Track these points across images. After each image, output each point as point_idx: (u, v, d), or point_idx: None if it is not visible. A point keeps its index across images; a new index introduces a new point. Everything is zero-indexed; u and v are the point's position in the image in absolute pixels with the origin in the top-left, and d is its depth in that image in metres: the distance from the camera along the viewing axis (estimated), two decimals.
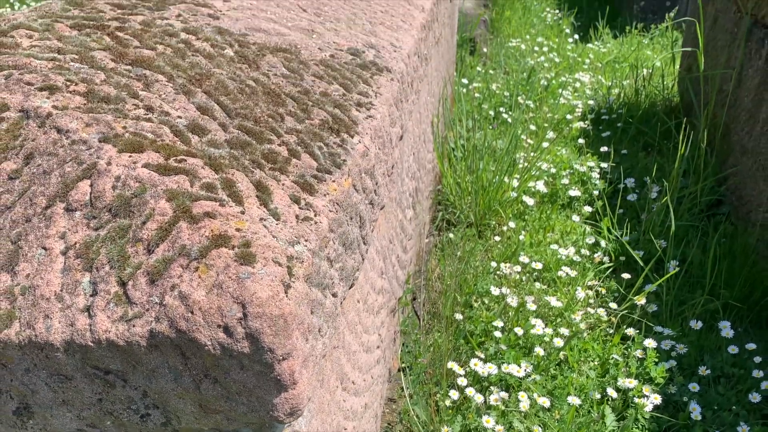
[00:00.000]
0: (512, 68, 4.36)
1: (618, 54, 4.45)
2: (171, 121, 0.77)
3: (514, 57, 4.48)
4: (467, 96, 3.71)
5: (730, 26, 2.64)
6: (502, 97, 3.51)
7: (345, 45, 1.18)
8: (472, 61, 4.28)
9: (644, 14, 4.85)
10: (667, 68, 3.69)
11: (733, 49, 2.56)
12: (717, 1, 2.86)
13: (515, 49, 4.57)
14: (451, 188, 2.42)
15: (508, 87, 3.70)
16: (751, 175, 2.25)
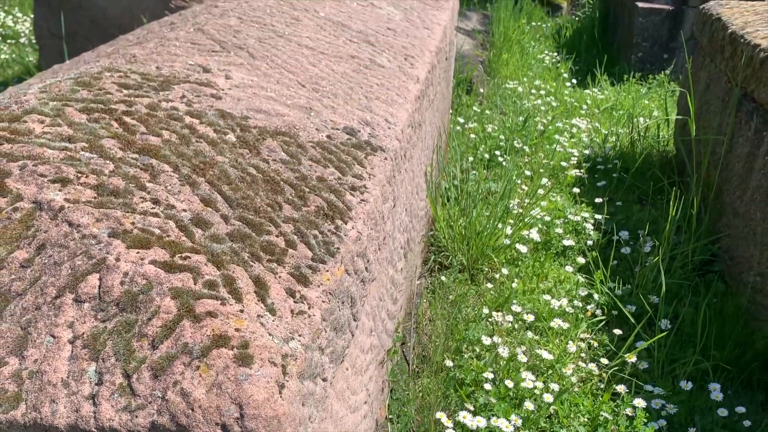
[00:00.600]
0: (509, 109, 4.44)
1: (616, 101, 4.54)
2: (176, 215, 0.82)
3: (511, 99, 4.56)
4: (463, 135, 3.78)
5: (721, 94, 2.72)
6: (497, 140, 3.58)
7: (341, 123, 1.23)
8: (469, 100, 4.36)
9: (642, 64, 4.95)
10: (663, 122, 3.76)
11: (725, 116, 2.63)
12: (709, 69, 2.94)
13: (512, 90, 4.66)
14: (443, 232, 2.47)
15: (504, 129, 3.77)
16: (742, 237, 2.30)
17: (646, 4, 4.89)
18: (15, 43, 6.21)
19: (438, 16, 2.41)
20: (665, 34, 4.86)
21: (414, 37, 2.05)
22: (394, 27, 2.08)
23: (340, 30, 1.84)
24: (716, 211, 2.61)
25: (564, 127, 4.01)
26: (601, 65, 5.06)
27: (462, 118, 4.06)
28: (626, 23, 5.20)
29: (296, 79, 1.37)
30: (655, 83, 4.83)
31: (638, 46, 4.93)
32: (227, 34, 1.48)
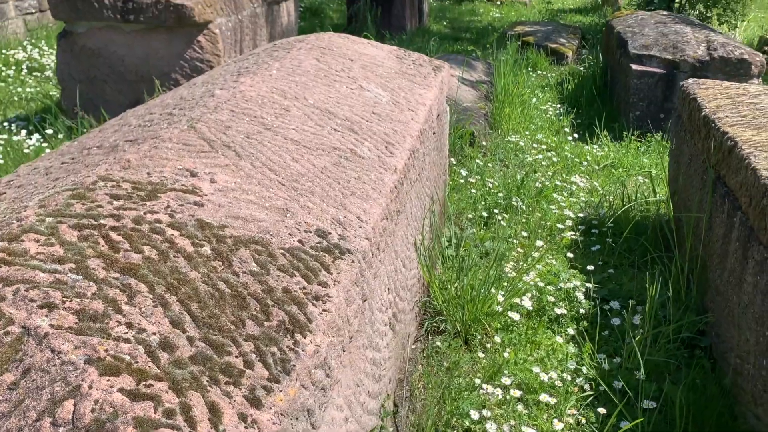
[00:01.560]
0: (510, 162, 4.55)
1: (615, 158, 4.64)
2: (146, 340, 0.92)
3: (513, 152, 4.67)
4: (465, 188, 3.89)
5: (700, 172, 2.82)
6: (496, 197, 3.68)
7: (314, 225, 1.34)
8: (472, 152, 4.47)
9: (640, 122, 5.07)
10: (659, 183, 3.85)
11: (704, 193, 2.72)
12: (689, 145, 3.05)
13: (514, 144, 4.78)
14: (437, 297, 2.56)
15: (504, 185, 3.88)
16: (724, 317, 2.37)
17: (640, 66, 5.01)
18: (41, 77, 6.45)
19: (424, 95, 2.54)
20: (660, 96, 4.98)
21: (398, 121, 2.17)
22: (380, 111, 2.20)
23: (326, 118, 1.96)
24: (703, 285, 2.69)
25: (563, 185, 4.11)
26: (601, 121, 5.18)
27: (465, 170, 4.18)
28: (623, 82, 5.33)
29: (277, 178, 1.48)
30: (653, 142, 4.94)
31: (635, 105, 5.05)
32: (218, 132, 1.60)
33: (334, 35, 2.97)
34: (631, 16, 6.31)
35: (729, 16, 8.47)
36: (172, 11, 3.93)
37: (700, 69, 4.84)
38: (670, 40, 5.16)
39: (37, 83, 6.16)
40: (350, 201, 1.51)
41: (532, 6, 12.62)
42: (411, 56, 3.03)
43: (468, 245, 2.97)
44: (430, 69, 2.96)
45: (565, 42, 8.42)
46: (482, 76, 5.95)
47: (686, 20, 5.96)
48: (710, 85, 3.18)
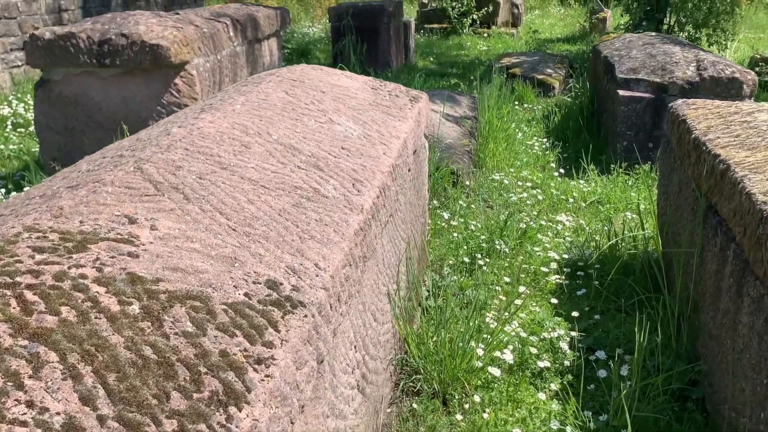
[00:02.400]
0: (495, 202, 4.44)
1: (602, 193, 4.54)
2: (48, 422, 0.79)
3: (497, 191, 4.57)
4: (447, 232, 3.77)
5: (691, 201, 2.71)
6: (478, 241, 3.56)
7: (264, 275, 1.21)
8: (455, 193, 4.37)
9: (628, 153, 4.98)
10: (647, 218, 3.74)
11: (695, 225, 2.61)
12: (679, 172, 2.94)
13: (498, 182, 4.68)
14: (414, 354, 2.42)
15: (487, 227, 3.76)
16: (717, 364, 2.24)
17: (627, 92, 4.95)
18: (25, 132, 6.31)
19: (399, 128, 2.43)
20: (648, 123, 4.91)
21: (368, 156, 2.06)
22: (350, 146, 2.09)
23: (290, 155, 1.85)
24: (694, 329, 2.55)
25: (548, 225, 4.00)
26: (587, 154, 5.10)
27: (447, 213, 4.07)
28: (610, 111, 5.26)
29: (228, 223, 1.36)
30: (641, 174, 4.85)
31: (623, 135, 4.97)
32: (167, 172, 1.48)
33: (308, 67, 2.88)
34: (618, 39, 6.27)
35: (719, 36, 8.48)
36: (148, 52, 3.84)
37: (690, 91, 4.77)
38: (658, 61, 5.10)
39: (20, 139, 6.03)
40: (308, 246, 1.38)
41: (520, 37, 12.68)
42: (386, 87, 2.94)
43: (448, 294, 2.84)
44: (406, 100, 2.87)
45: (552, 72, 8.41)
46: (467, 111, 5.88)
47: (675, 40, 5.92)
48: (700, 105, 3.09)
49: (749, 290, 1.98)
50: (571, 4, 17.69)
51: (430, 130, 4.89)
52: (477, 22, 12.87)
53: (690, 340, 2.57)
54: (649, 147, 4.96)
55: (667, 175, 3.23)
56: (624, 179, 4.85)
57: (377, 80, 3.01)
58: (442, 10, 12.85)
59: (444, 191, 4.39)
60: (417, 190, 2.82)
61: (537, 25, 15.02)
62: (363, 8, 8.18)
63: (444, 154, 4.61)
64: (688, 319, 2.63)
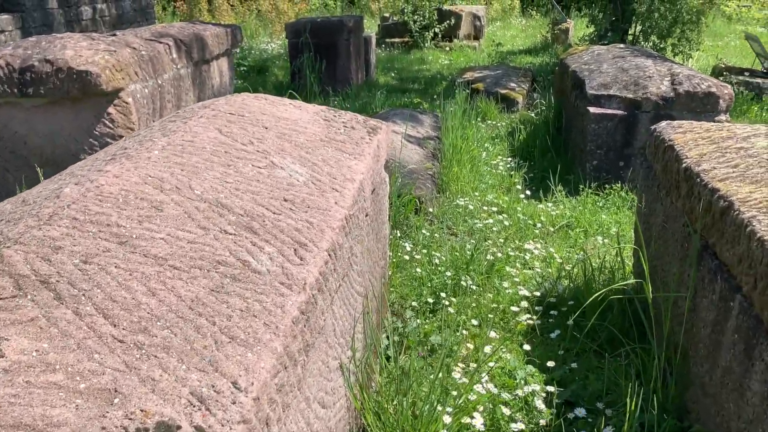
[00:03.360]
0: (459, 229, 4.15)
1: (571, 217, 4.28)
2: None
3: (462, 217, 4.28)
4: (410, 265, 3.46)
5: (680, 237, 2.44)
6: (443, 277, 3.25)
7: (155, 415, 0.88)
8: (418, 221, 4.07)
9: (597, 173, 4.74)
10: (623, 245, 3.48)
11: (685, 264, 2.34)
12: (665, 203, 2.68)
13: (463, 208, 4.39)
14: (373, 427, 2.09)
15: (452, 260, 3.46)
16: (715, 425, 1.96)
17: (598, 109, 4.71)
18: None
19: (354, 167, 2.12)
20: (620, 141, 4.68)
21: (316, 208, 1.74)
22: (294, 195, 1.77)
23: (216, 215, 1.52)
24: (684, 377, 2.28)
25: (516, 255, 3.72)
26: (555, 174, 4.84)
27: (410, 244, 3.77)
28: (579, 128, 5.02)
29: (113, 332, 1.02)
30: (611, 194, 4.60)
31: (593, 154, 4.73)
32: (38, 259, 1.14)
33: (250, 97, 2.55)
34: (586, 52, 6.05)
35: (684, 46, 8.36)
36: (76, 79, 3.46)
37: (665, 107, 4.55)
38: (630, 76, 4.88)
39: None
40: (227, 353, 1.06)
41: (482, 49, 12.50)
42: (342, 117, 2.63)
43: (412, 342, 2.53)
44: (364, 132, 2.56)
45: (516, 86, 8.19)
46: (429, 131, 5.60)
47: (646, 53, 5.71)
48: (687, 128, 2.83)
49: (762, 354, 1.70)
50: (532, 15, 17.66)
51: (391, 153, 4.59)
52: (439, 36, 12.66)
53: (678, 391, 2.30)
54: (620, 166, 4.72)
55: (650, 204, 2.97)
56: (593, 200, 4.60)
57: (331, 110, 2.69)
58: (404, 24, 12.61)
59: (406, 220, 4.09)
60: (376, 233, 2.50)
61: (499, 37, 14.87)
62: (321, 24, 7.87)
63: (406, 180, 4.31)
64: (676, 367, 2.36)
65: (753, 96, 7.90)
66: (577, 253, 3.80)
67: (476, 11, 13.15)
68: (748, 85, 8.30)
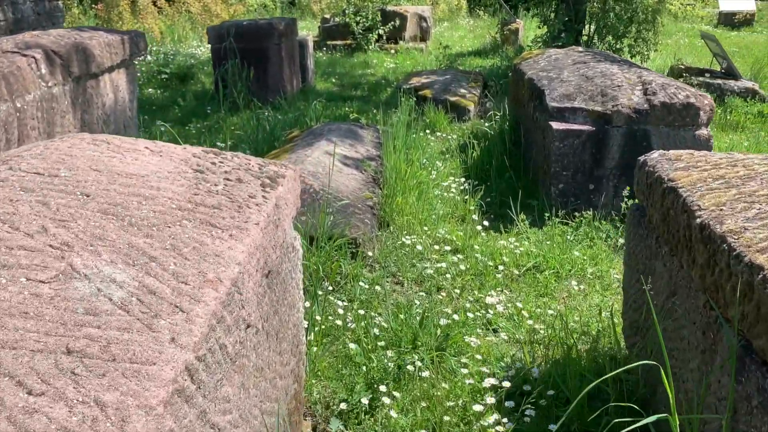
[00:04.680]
0: (406, 276, 3.42)
1: (538, 255, 3.58)
2: None
3: (409, 260, 3.55)
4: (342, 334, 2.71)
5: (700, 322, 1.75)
6: (384, 361, 2.50)
7: None
8: (355, 268, 3.32)
9: (564, 198, 4.06)
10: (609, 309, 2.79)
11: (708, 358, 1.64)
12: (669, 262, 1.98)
13: (410, 248, 3.65)
14: None
15: (396, 329, 2.71)
16: None
17: (563, 125, 4.03)
18: None
19: (226, 254, 1.35)
20: (588, 160, 4.00)
21: (130, 360, 0.98)
22: (88, 341, 1.00)
23: None
24: None
25: (476, 312, 2.99)
26: (516, 199, 4.15)
27: (345, 300, 3.02)
28: (541, 145, 4.33)
29: None
30: (582, 224, 3.93)
31: (558, 176, 4.04)
32: None
33: (85, 140, 1.76)
34: (542, 57, 5.38)
35: (640, 47, 7.80)
36: None
37: (638, 121, 3.90)
38: (597, 85, 4.21)
39: None
40: None
41: (429, 52, 11.81)
42: (224, 165, 1.85)
43: None
44: (256, 186, 1.79)
45: (466, 93, 7.52)
46: (370, 149, 4.85)
47: (610, 57, 5.07)
48: (690, 162, 2.14)
49: None
50: (480, 15, 17.09)
51: (322, 183, 3.83)
52: (383, 38, 11.92)
53: None
54: (590, 189, 4.05)
55: (643, 260, 2.28)
56: (562, 231, 3.92)
57: (210, 154, 1.91)
58: (346, 26, 11.83)
59: (339, 268, 3.34)
60: (276, 332, 1.74)
61: (446, 39, 14.21)
62: (248, 27, 7.04)
63: (339, 218, 3.55)
64: None
65: (714, 98, 7.39)
66: (550, 306, 3.10)
67: (422, 12, 12.48)
68: (709, 87, 7.80)
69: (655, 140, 3.90)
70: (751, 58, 10.47)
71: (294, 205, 2.00)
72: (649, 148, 3.92)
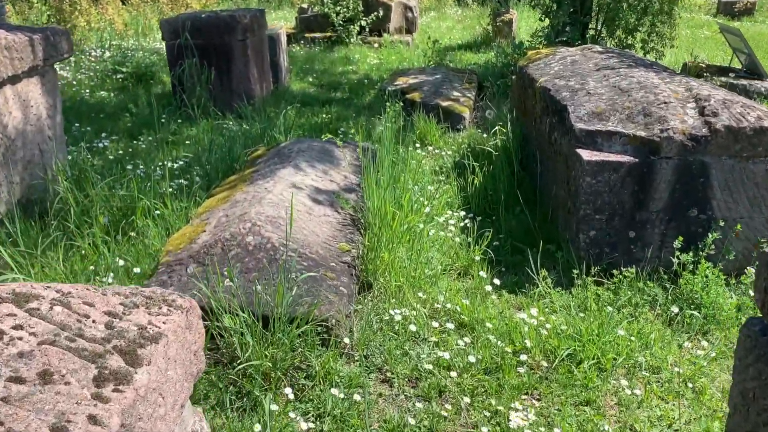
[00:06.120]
0: (397, 371, 2.52)
1: (571, 336, 2.68)
2: None
3: (400, 346, 2.64)
4: None
5: None
6: None
7: None
8: (325, 361, 2.42)
9: (596, 248, 3.15)
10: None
11: None
12: None
13: (401, 326, 2.74)
14: None
15: None
16: None
17: (594, 154, 3.12)
18: None
19: None
20: (628, 201, 3.10)
21: None
22: None
23: None
24: None
25: None
26: (532, 245, 3.24)
27: (309, 418, 2.13)
28: (563, 176, 3.42)
29: None
30: (623, 285, 3.03)
31: (589, 221, 3.14)
32: None
33: None
34: (555, 59, 4.45)
35: (655, 43, 6.90)
36: None
37: (695, 150, 3.00)
38: (635, 100, 3.30)
39: None
40: None
41: (416, 45, 10.84)
42: None
43: None
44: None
45: (460, 96, 6.59)
46: (348, 175, 3.92)
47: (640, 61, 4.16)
48: None
49: None
50: (468, 3, 16.11)
51: (284, 230, 2.90)
52: (366, 30, 10.94)
53: None
54: (630, 237, 3.15)
55: (762, 397, 1.39)
56: (596, 294, 3.02)
57: None
58: (325, 17, 10.83)
59: (305, 363, 2.43)
60: None
61: (433, 29, 13.25)
62: (206, 21, 6.05)
63: (304, 288, 2.62)
64: None
65: None
66: (597, 424, 2.21)
67: (407, 1, 11.49)
68: (733, 89, 6.94)
69: (715, 175, 3.01)
70: (759, 51, 9.64)
71: (188, 377, 1.07)
72: (707, 186, 3.03)
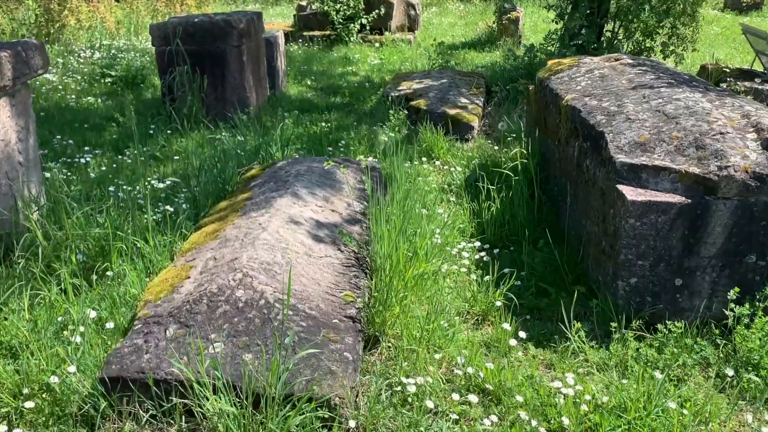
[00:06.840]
0: None
1: (614, 409, 2.29)
2: None
3: (414, 423, 2.24)
4: None
5: None
6: None
7: None
8: None
9: (638, 297, 2.76)
10: None
11: None
12: None
13: (418, 400, 2.34)
14: None
15: None
16: None
17: (640, 192, 2.71)
18: None
19: None
20: (677, 246, 2.69)
21: None
22: None
23: None
24: None
25: None
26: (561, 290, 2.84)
27: None
28: (598, 213, 3.02)
29: None
30: (670, 341, 2.64)
31: (630, 266, 2.73)
32: None
33: None
34: (580, 72, 4.03)
35: (676, 46, 6.49)
36: None
37: (758, 191, 2.59)
38: (685, 129, 2.88)
39: None
40: None
41: (418, 44, 10.42)
42: None
43: None
44: None
45: (468, 103, 6.18)
46: (352, 202, 3.52)
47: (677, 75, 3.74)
48: None
49: None
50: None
51: (279, 280, 2.50)
52: (367, 28, 10.52)
53: None
54: (677, 286, 2.75)
55: None
56: (634, 350, 2.62)
57: None
58: (325, 15, 10.41)
59: None
60: None
61: (435, 26, 12.82)
62: (199, 26, 5.64)
63: (302, 356, 2.22)
64: None
65: None
66: None
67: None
68: (758, 95, 6.53)
69: None
70: None
71: None
72: None
